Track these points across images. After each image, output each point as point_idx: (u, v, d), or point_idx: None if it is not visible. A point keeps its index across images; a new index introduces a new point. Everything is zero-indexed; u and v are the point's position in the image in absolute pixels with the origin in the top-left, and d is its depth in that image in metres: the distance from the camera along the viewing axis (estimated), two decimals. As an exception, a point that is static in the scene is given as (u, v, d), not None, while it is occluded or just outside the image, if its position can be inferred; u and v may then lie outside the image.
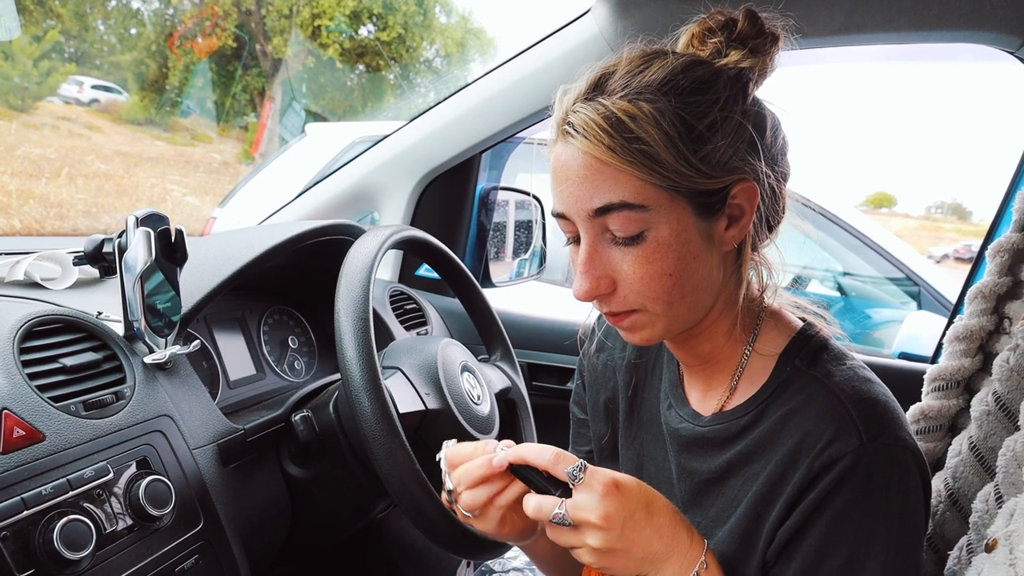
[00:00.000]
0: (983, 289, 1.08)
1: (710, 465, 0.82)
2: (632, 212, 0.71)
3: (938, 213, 32.92)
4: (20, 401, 0.75)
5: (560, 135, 0.74)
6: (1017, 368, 0.93)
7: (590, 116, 0.70)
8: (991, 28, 1.20)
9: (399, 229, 1.12)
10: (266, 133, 12.09)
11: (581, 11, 1.47)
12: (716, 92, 0.72)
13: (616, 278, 0.75)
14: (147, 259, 0.88)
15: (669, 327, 0.78)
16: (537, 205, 2.03)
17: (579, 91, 0.74)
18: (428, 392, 1.07)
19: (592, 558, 0.70)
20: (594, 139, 0.70)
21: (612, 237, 0.73)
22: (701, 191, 0.71)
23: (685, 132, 0.70)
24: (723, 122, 0.71)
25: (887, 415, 0.71)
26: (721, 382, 0.84)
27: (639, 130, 0.69)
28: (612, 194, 0.71)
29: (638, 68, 0.73)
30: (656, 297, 0.74)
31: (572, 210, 0.74)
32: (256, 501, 1.03)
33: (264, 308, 1.36)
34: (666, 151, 0.69)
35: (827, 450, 0.70)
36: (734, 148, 0.72)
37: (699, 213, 0.73)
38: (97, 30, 12.59)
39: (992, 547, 0.70)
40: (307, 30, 13.61)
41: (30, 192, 6.92)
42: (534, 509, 0.71)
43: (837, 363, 0.77)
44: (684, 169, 0.70)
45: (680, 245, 0.72)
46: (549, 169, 0.77)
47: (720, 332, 0.82)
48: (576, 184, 0.72)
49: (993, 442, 0.95)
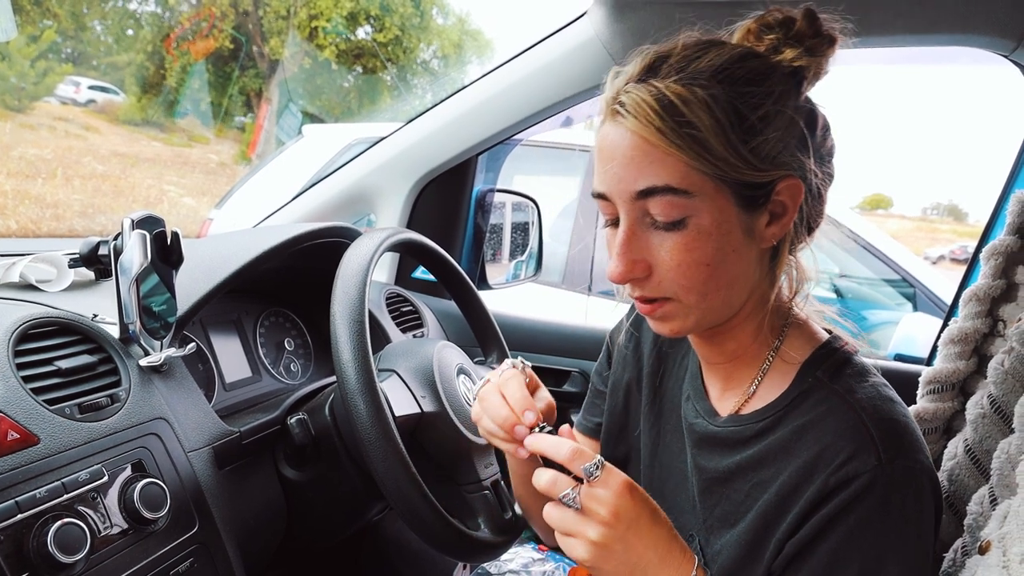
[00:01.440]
0: (977, 292, 1.08)
1: (718, 464, 0.81)
2: (676, 197, 0.70)
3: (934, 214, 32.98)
4: (14, 404, 0.75)
5: (609, 114, 0.73)
6: (1011, 371, 0.93)
7: (642, 97, 0.69)
8: (986, 32, 1.21)
9: (395, 232, 1.12)
10: (263, 134, 12.07)
11: (577, 14, 1.47)
12: (770, 85, 0.71)
13: (652, 263, 0.74)
14: (143, 261, 0.87)
15: (700, 320, 0.77)
16: (534, 207, 2.03)
17: (632, 72, 0.73)
18: (424, 395, 1.07)
19: (586, 552, 0.70)
20: (644, 120, 0.69)
21: (652, 221, 0.72)
22: (747, 183, 0.71)
23: (737, 121, 0.69)
24: (775, 116, 0.71)
25: (907, 437, 0.70)
26: (741, 383, 0.83)
27: (691, 115, 0.68)
28: (657, 177, 0.70)
29: (694, 54, 0.72)
30: (691, 287, 0.73)
31: (614, 191, 0.73)
32: (252, 504, 1.03)
33: (260, 310, 1.36)
34: (716, 138, 0.68)
35: (844, 467, 0.69)
36: (784, 143, 0.71)
37: (742, 205, 0.72)
38: (94, 30, 12.58)
39: (985, 549, 0.70)
40: (304, 31, 13.59)
41: (26, 193, 6.90)
42: (546, 484, 0.71)
43: (860, 379, 0.75)
44: (732, 158, 0.69)
45: (720, 236, 0.71)
46: (594, 148, 0.76)
47: (747, 332, 0.81)
48: (621, 165, 0.71)
49: (988, 445, 0.95)
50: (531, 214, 2.04)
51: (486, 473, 1.11)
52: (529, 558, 1.49)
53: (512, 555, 1.49)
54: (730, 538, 0.78)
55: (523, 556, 1.49)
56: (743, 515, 0.77)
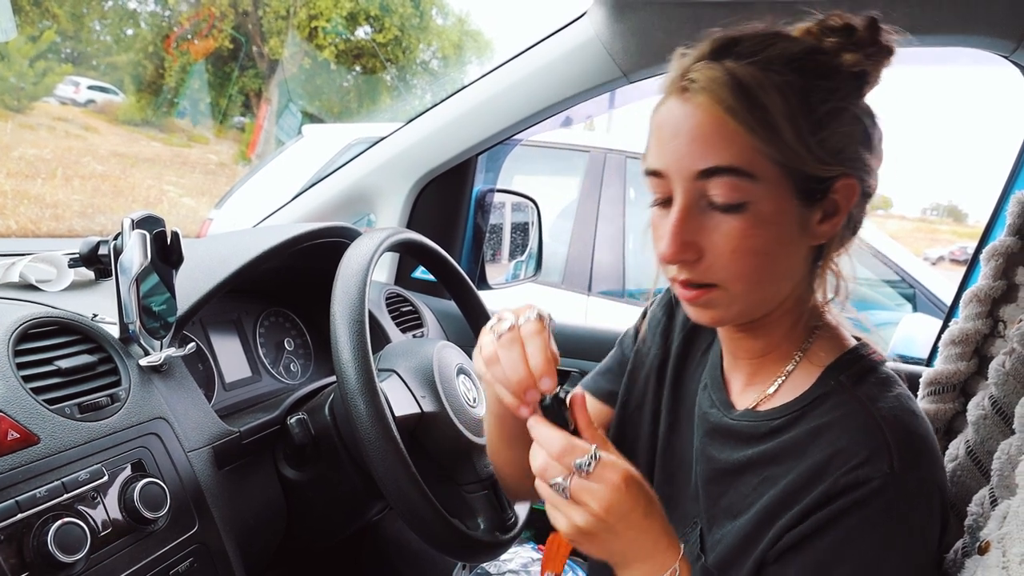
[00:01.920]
0: (978, 293, 1.08)
1: (728, 456, 0.81)
2: (740, 179, 0.69)
3: (934, 215, 32.95)
4: (15, 403, 0.75)
5: (676, 91, 0.72)
6: (1013, 372, 0.93)
7: (716, 74, 0.69)
8: (986, 32, 1.21)
9: (395, 232, 1.12)
10: (262, 134, 12.08)
11: (577, 14, 1.47)
12: (838, 82, 0.71)
13: (704, 247, 0.72)
14: (143, 261, 0.87)
15: (742, 312, 0.76)
16: (534, 208, 2.03)
17: (702, 52, 0.73)
18: (424, 395, 1.07)
19: (569, 532, 0.70)
20: (717, 97, 0.68)
21: (710, 203, 0.71)
22: (809, 175, 0.70)
23: (807, 110, 0.69)
24: (841, 112, 0.70)
25: (924, 451, 0.70)
26: (763, 381, 0.82)
27: (764, 97, 0.68)
28: (724, 157, 0.68)
29: (766, 41, 0.71)
30: (741, 275, 0.72)
31: (675, 168, 0.71)
32: (251, 504, 1.03)
33: (260, 310, 1.36)
34: (787, 124, 0.68)
35: (857, 470, 0.68)
36: (848, 140, 0.71)
37: (801, 198, 0.71)
38: (93, 31, 12.57)
39: (985, 549, 0.70)
40: (304, 32, 13.60)
41: (26, 193, 6.90)
42: (540, 467, 0.70)
43: (884, 388, 0.74)
44: (800, 147, 0.68)
45: (777, 226, 0.71)
46: (652, 125, 0.75)
47: (780, 331, 0.80)
48: (686, 141, 0.70)
49: (990, 446, 0.95)
50: (531, 214, 2.04)
51: (486, 473, 1.11)
52: (528, 558, 1.49)
53: (511, 555, 1.49)
54: (731, 528, 0.78)
55: (522, 556, 1.49)
56: (748, 508, 0.77)
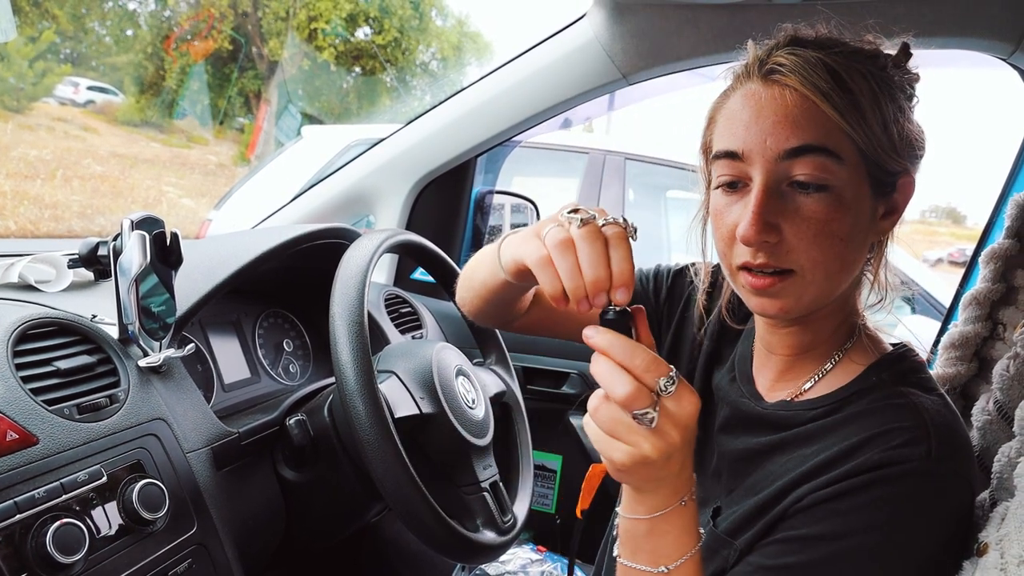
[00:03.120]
0: (977, 295, 1.08)
1: (759, 440, 0.80)
2: (828, 159, 0.69)
3: (932, 217, 32.91)
4: (13, 404, 0.75)
5: (759, 76, 0.73)
6: (1017, 376, 0.93)
7: (808, 59, 0.70)
8: (984, 35, 1.21)
9: (394, 233, 1.12)
10: (262, 136, 12.07)
11: (577, 16, 1.47)
12: (900, 86, 0.74)
13: (785, 229, 0.71)
14: (142, 262, 0.87)
15: (813, 302, 0.75)
16: (533, 209, 2.03)
17: (780, 41, 0.75)
18: (423, 396, 1.07)
19: (629, 460, 0.62)
20: (810, 80, 0.69)
21: (792, 183, 0.71)
22: (883, 167, 0.72)
23: (889, 100, 0.71)
24: (908, 111, 0.74)
25: (962, 448, 0.70)
26: (796, 377, 0.82)
27: (852, 83, 0.70)
28: (814, 136, 0.69)
29: (838, 38, 0.74)
30: (821, 259, 0.71)
31: (758, 148, 0.71)
32: (250, 505, 1.02)
33: (259, 311, 1.36)
34: (872, 110, 0.70)
35: (894, 449, 0.67)
36: (914, 136, 0.74)
37: (874, 187, 0.73)
38: (93, 31, 12.57)
39: (983, 551, 0.70)
40: (303, 33, 13.59)
41: (25, 193, 6.89)
42: (627, 394, 0.60)
43: (927, 388, 0.75)
44: (882, 136, 0.70)
45: (855, 212, 0.72)
46: (722, 112, 0.76)
47: (826, 328, 0.80)
48: (773, 122, 0.71)
49: (996, 450, 0.95)
50: (530, 215, 2.04)
51: (485, 475, 1.11)
52: (527, 559, 1.49)
53: (510, 556, 1.49)
54: (750, 502, 0.77)
55: (521, 557, 1.49)
56: (771, 483, 0.76)
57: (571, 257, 0.62)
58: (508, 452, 1.32)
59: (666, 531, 0.67)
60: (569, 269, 0.62)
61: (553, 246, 0.63)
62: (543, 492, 1.90)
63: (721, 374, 0.92)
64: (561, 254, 0.63)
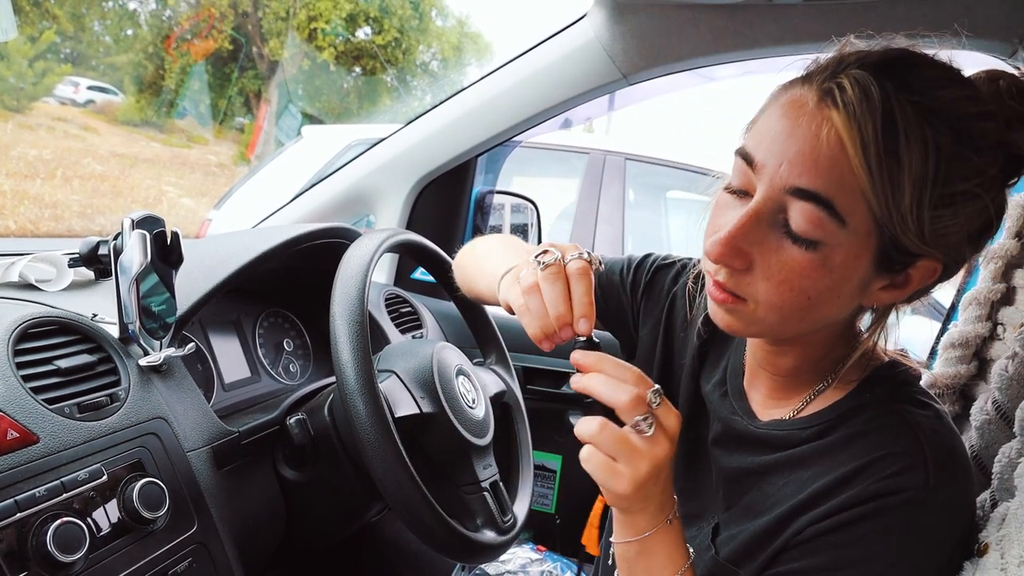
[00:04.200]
0: (977, 296, 1.08)
1: (753, 460, 0.79)
2: (828, 218, 0.62)
3: (932, 219, 32.85)
4: (14, 403, 0.75)
5: (817, 88, 0.63)
6: (1016, 376, 0.93)
7: (870, 97, 0.60)
8: (985, 36, 1.21)
9: (395, 233, 1.12)
10: (262, 135, 12.07)
11: (577, 16, 1.47)
12: (989, 163, 0.62)
13: (756, 262, 0.66)
14: (143, 261, 0.87)
15: (763, 334, 0.73)
16: (533, 209, 2.03)
17: (871, 56, 0.64)
18: (423, 396, 1.07)
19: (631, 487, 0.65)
20: (856, 124, 0.60)
21: (784, 223, 0.64)
22: (899, 245, 0.63)
23: (941, 183, 0.60)
24: (972, 199, 0.62)
25: (960, 469, 0.68)
26: (788, 397, 0.79)
27: (904, 149, 0.59)
28: (824, 185, 0.61)
29: (944, 79, 0.63)
30: (777, 306, 0.67)
31: (771, 169, 0.64)
32: (250, 504, 1.03)
33: (259, 311, 1.36)
34: (911, 189, 0.60)
35: (890, 479, 0.66)
36: (960, 230, 0.63)
37: (877, 262, 0.65)
38: (93, 31, 12.56)
39: (983, 551, 0.70)
40: (303, 33, 13.60)
41: (25, 193, 6.89)
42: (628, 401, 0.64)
43: (921, 403, 0.72)
44: (909, 217, 0.61)
45: (839, 279, 0.65)
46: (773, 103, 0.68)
47: (817, 354, 0.76)
48: (797, 150, 0.62)
49: (995, 451, 0.94)
50: (530, 216, 2.04)
51: (485, 474, 1.11)
52: (527, 559, 1.49)
53: (510, 556, 1.49)
54: (749, 527, 0.76)
55: (521, 557, 1.50)
56: (770, 508, 0.74)
57: (537, 299, 0.69)
58: (508, 452, 1.32)
59: (656, 551, 0.70)
60: (537, 310, 0.69)
61: (523, 292, 0.70)
62: (543, 492, 1.90)
63: (712, 385, 0.89)
64: (529, 298, 0.70)
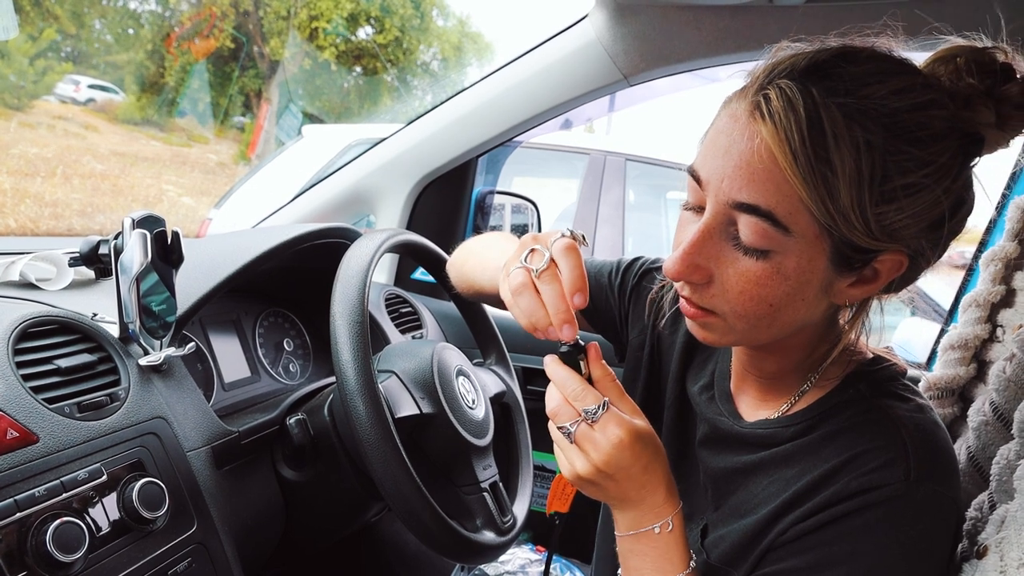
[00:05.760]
0: (977, 298, 1.08)
1: (739, 459, 0.80)
2: (772, 228, 0.62)
3: (933, 220, 32.82)
4: (14, 402, 0.75)
5: (749, 102, 0.63)
6: (1013, 378, 0.93)
7: (795, 106, 0.59)
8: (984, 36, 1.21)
9: (395, 233, 1.12)
10: (263, 135, 12.07)
11: (578, 17, 1.47)
12: (936, 152, 0.61)
13: (715, 276, 0.67)
14: (143, 261, 0.87)
15: (740, 341, 0.73)
16: (533, 210, 2.03)
17: (797, 65, 0.63)
18: (423, 396, 1.07)
19: (569, 476, 0.72)
20: (782, 135, 0.59)
21: (735, 236, 0.65)
22: (852, 244, 0.63)
23: (878, 181, 0.60)
24: (921, 190, 0.61)
25: (942, 464, 0.68)
26: (774, 398, 0.80)
27: (835, 153, 0.59)
28: (764, 198, 0.61)
29: (875, 73, 0.62)
30: (744, 316, 0.68)
31: (714, 185, 0.65)
32: (250, 504, 1.03)
33: (259, 310, 1.36)
34: (848, 190, 0.59)
35: (871, 474, 0.66)
36: (913, 221, 0.62)
37: (834, 262, 0.64)
38: (94, 29, 12.57)
39: (983, 553, 0.70)
40: (304, 32, 13.60)
41: (25, 191, 6.89)
42: (553, 409, 0.71)
43: (904, 398, 0.72)
44: (853, 217, 0.60)
45: (797, 284, 0.65)
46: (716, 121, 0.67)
47: (798, 356, 0.77)
48: (732, 164, 0.63)
49: (991, 452, 0.95)
50: (530, 216, 2.04)
51: (485, 475, 1.11)
52: (527, 559, 1.49)
53: (510, 556, 1.49)
54: (737, 527, 0.77)
55: (520, 557, 1.49)
56: (756, 508, 0.75)
57: (522, 301, 0.72)
58: (508, 452, 1.32)
59: (644, 552, 0.73)
60: (525, 312, 0.73)
61: (512, 290, 0.73)
62: (543, 492, 1.90)
63: (698, 388, 0.90)
64: (515, 299, 0.73)
